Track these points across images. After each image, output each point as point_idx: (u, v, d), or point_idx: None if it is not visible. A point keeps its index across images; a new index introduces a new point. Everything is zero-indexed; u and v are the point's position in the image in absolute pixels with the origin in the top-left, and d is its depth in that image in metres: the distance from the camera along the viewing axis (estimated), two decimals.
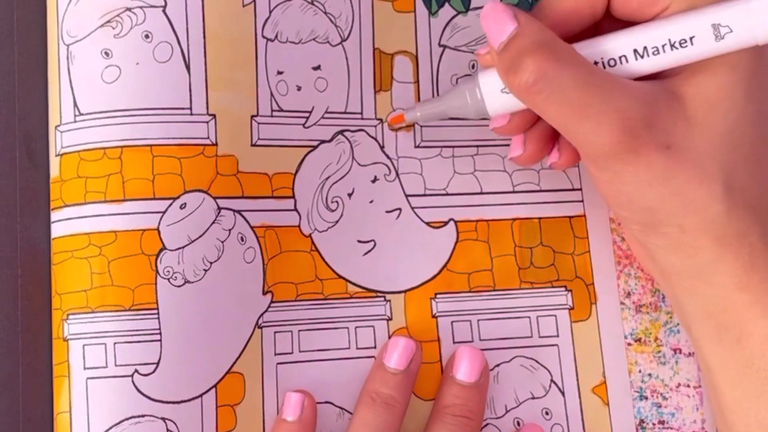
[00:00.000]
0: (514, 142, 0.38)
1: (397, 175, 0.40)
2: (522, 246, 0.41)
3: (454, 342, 0.39)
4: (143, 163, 0.36)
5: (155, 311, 0.36)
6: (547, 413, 0.40)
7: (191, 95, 0.37)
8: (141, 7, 0.37)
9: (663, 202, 0.33)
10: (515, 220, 0.41)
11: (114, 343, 0.35)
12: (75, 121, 0.37)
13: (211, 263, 0.37)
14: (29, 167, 0.37)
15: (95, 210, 0.36)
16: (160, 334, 0.36)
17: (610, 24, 0.35)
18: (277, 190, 0.38)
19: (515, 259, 0.40)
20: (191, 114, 0.37)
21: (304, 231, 0.39)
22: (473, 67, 0.41)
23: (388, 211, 0.40)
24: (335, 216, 0.39)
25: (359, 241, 0.39)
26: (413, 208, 0.40)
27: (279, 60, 0.39)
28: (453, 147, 0.40)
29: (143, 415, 0.35)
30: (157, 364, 0.35)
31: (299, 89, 0.39)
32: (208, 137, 0.37)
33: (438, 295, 0.40)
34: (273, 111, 0.38)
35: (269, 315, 0.38)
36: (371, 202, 0.39)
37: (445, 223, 0.40)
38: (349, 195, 0.39)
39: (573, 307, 0.41)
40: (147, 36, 0.37)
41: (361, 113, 0.40)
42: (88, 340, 0.35)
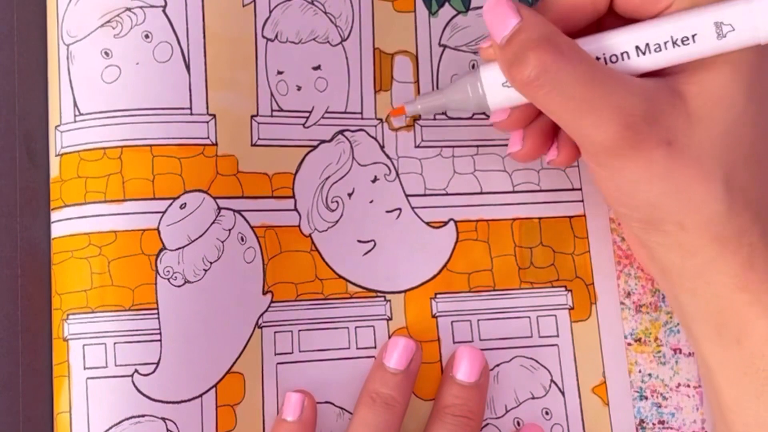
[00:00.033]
0: (513, 137, 0.38)
1: (397, 175, 0.40)
2: (522, 246, 0.41)
3: (454, 342, 0.39)
4: (143, 163, 0.36)
5: (155, 311, 0.36)
6: (547, 413, 0.40)
7: (191, 95, 0.37)
8: (141, 7, 0.37)
9: (663, 198, 0.33)
10: (515, 220, 0.41)
11: (114, 343, 0.35)
12: (75, 121, 0.37)
13: (211, 263, 0.37)
14: (29, 167, 0.37)
15: (95, 210, 0.36)
16: (160, 334, 0.36)
17: (612, 21, 0.35)
18: (277, 190, 0.38)
19: (515, 259, 0.40)
20: (191, 114, 0.37)
21: (304, 231, 0.39)
22: (473, 67, 0.41)
23: (388, 211, 0.40)
24: (335, 216, 0.39)
25: (359, 241, 0.39)
26: (413, 208, 0.40)
27: (279, 60, 0.39)
28: (453, 147, 0.40)
29: (143, 415, 0.35)
30: (157, 364, 0.35)
31: (299, 89, 0.39)
32: (208, 137, 0.37)
33: (438, 295, 0.40)
34: (273, 111, 0.38)
35: (269, 315, 0.38)
36: (371, 202, 0.39)
37: (445, 223, 0.40)
38: (349, 195, 0.39)
39: (573, 307, 0.41)
40: (147, 36, 0.37)
41: (361, 113, 0.40)
42: (88, 340, 0.35)
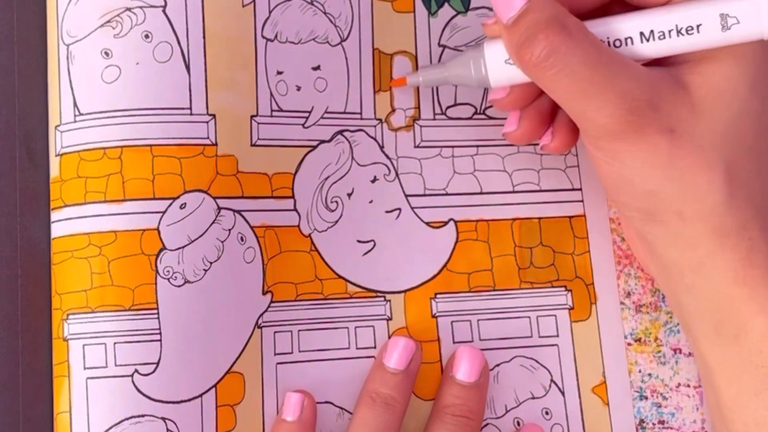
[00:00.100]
0: (509, 117, 0.38)
1: (397, 175, 0.40)
2: (522, 246, 0.41)
3: (454, 342, 0.39)
4: (143, 163, 0.36)
5: (155, 311, 0.36)
6: (547, 413, 0.40)
7: (191, 95, 0.37)
8: (141, 7, 0.37)
9: (663, 185, 0.33)
10: (515, 220, 0.41)
11: (114, 343, 0.35)
12: (75, 121, 0.37)
13: (211, 263, 0.37)
14: (29, 167, 0.37)
15: (95, 210, 0.36)
16: (160, 334, 0.36)
17: (619, 7, 0.35)
18: (277, 190, 0.38)
19: (515, 259, 0.40)
20: (191, 114, 0.37)
21: (303, 231, 0.39)
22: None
23: (387, 211, 0.40)
24: (335, 216, 0.39)
25: (359, 241, 0.39)
26: (413, 208, 0.40)
27: (279, 60, 0.39)
28: (453, 147, 0.41)
29: (143, 415, 0.35)
30: (157, 364, 0.35)
31: (299, 89, 0.39)
32: (207, 137, 0.37)
33: (438, 295, 0.40)
34: (273, 111, 0.39)
35: (269, 315, 0.38)
36: (371, 202, 0.39)
37: (445, 223, 0.40)
38: (349, 195, 0.39)
39: (573, 307, 0.41)
40: (147, 36, 0.37)
41: (361, 113, 0.40)
42: (88, 340, 0.35)
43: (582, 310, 0.41)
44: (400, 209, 0.40)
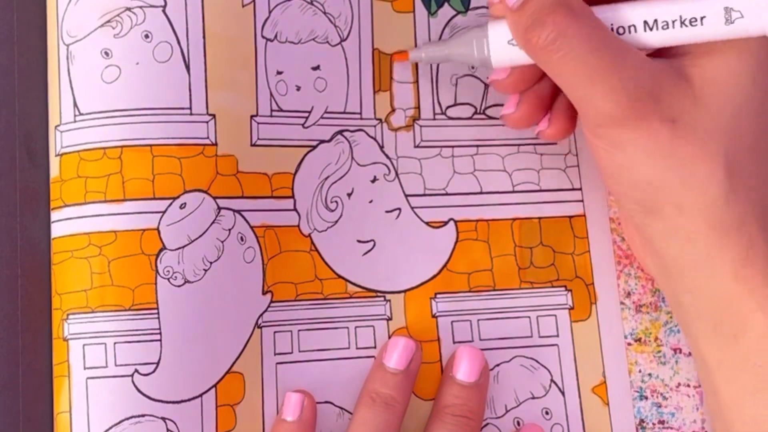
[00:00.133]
0: (508, 100, 0.38)
1: (397, 175, 0.40)
2: (522, 246, 0.41)
3: (454, 342, 0.39)
4: (143, 163, 0.36)
5: (155, 311, 0.36)
6: (547, 413, 0.40)
7: (191, 95, 0.37)
8: (141, 7, 0.37)
9: (663, 176, 0.33)
10: (515, 219, 0.41)
11: (114, 343, 0.35)
12: (75, 121, 0.37)
13: (211, 263, 0.37)
14: (29, 167, 0.37)
15: (95, 210, 0.36)
16: (160, 334, 0.36)
17: None
18: (277, 190, 0.38)
19: (515, 259, 0.40)
20: (191, 114, 0.37)
21: (303, 231, 0.39)
22: (473, 68, 0.41)
23: (387, 211, 0.40)
24: (335, 216, 0.39)
25: (359, 241, 0.39)
26: (413, 208, 0.40)
27: (278, 60, 0.39)
28: (453, 147, 0.41)
29: (143, 415, 0.35)
30: (157, 364, 0.35)
31: (298, 89, 0.39)
32: (207, 137, 0.37)
33: (438, 295, 0.40)
34: (272, 111, 0.39)
35: (269, 315, 0.38)
36: (371, 202, 0.39)
37: (445, 223, 0.40)
38: (349, 195, 0.39)
39: (573, 307, 0.41)
40: (147, 36, 0.37)
41: (361, 113, 0.40)
42: (88, 340, 0.35)
43: (582, 310, 0.41)
44: (400, 209, 0.40)
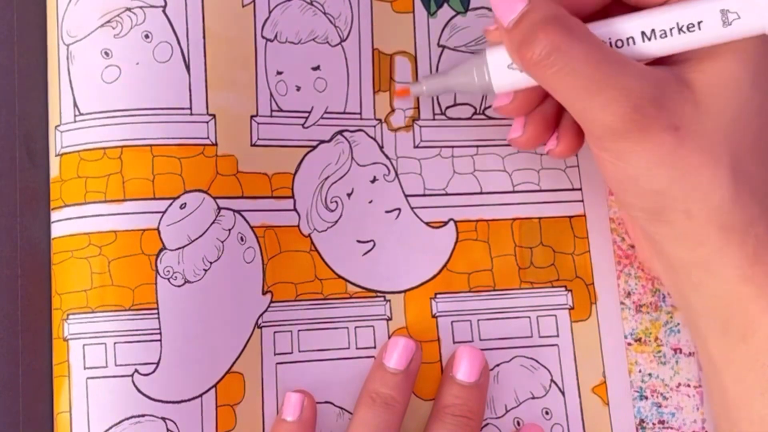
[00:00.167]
0: (514, 123, 0.38)
1: (397, 176, 0.40)
2: (522, 246, 0.41)
3: (454, 342, 0.39)
4: (143, 163, 0.36)
5: (155, 311, 0.36)
6: (547, 413, 0.39)
7: (191, 95, 0.37)
8: (141, 7, 0.37)
9: (669, 184, 0.33)
10: (515, 220, 0.41)
11: (114, 343, 0.35)
12: (75, 121, 0.37)
13: (211, 263, 0.37)
14: (29, 167, 0.37)
15: (95, 210, 0.36)
16: (160, 334, 0.36)
17: (619, 9, 0.35)
18: (277, 190, 0.38)
19: (515, 259, 0.40)
20: (191, 114, 0.37)
21: (303, 231, 0.39)
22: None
23: (387, 211, 0.40)
24: (335, 216, 0.39)
25: (359, 241, 0.39)
26: (413, 208, 0.40)
27: (278, 60, 0.39)
28: (452, 147, 0.41)
29: (143, 415, 0.35)
30: (157, 364, 0.35)
31: (298, 89, 0.39)
32: (207, 137, 0.37)
33: (438, 295, 0.40)
34: (272, 111, 0.39)
35: (269, 315, 0.38)
36: (370, 202, 0.39)
37: (445, 223, 0.40)
38: (349, 195, 0.39)
39: (573, 307, 0.41)
40: (147, 36, 0.37)
41: (360, 113, 0.40)
42: (88, 340, 0.36)
43: (582, 310, 0.41)
44: (399, 209, 0.40)
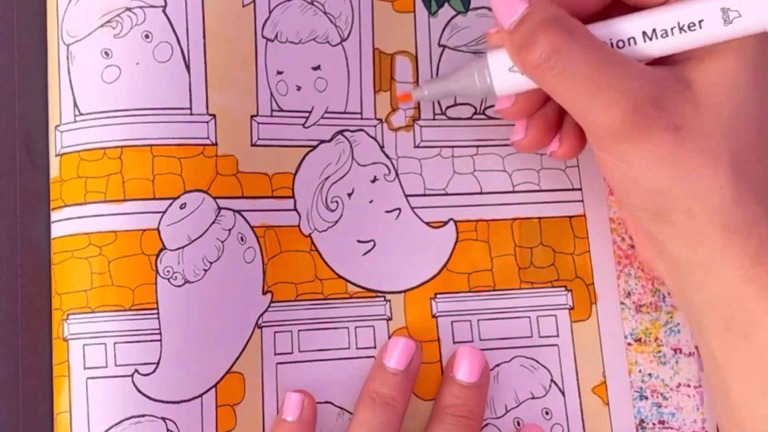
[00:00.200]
0: (516, 126, 0.38)
1: (397, 175, 0.40)
2: (522, 246, 0.41)
3: (454, 342, 0.39)
4: (143, 163, 0.36)
5: (155, 311, 0.36)
6: (547, 413, 0.40)
7: (191, 95, 0.37)
8: (141, 7, 0.37)
9: (671, 184, 0.33)
10: (515, 220, 0.41)
11: (114, 343, 0.35)
12: (75, 121, 0.37)
13: (211, 263, 0.37)
14: (29, 167, 0.37)
15: (95, 210, 0.36)
16: (160, 334, 0.36)
17: (619, 11, 0.35)
18: (277, 190, 0.38)
19: (515, 259, 0.40)
20: (191, 114, 0.37)
21: (303, 231, 0.39)
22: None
23: (387, 211, 0.40)
24: (335, 216, 0.39)
25: (359, 241, 0.39)
26: (413, 208, 0.40)
27: (279, 60, 0.39)
28: (452, 147, 0.41)
29: (143, 415, 0.35)
30: (157, 364, 0.35)
31: (299, 89, 0.39)
32: (208, 137, 0.37)
33: (438, 295, 0.40)
34: (273, 111, 0.39)
35: (269, 315, 0.38)
36: (371, 202, 0.39)
37: (445, 223, 0.40)
38: (349, 195, 0.39)
39: (573, 307, 0.41)
40: (147, 36, 0.37)
41: (361, 113, 0.40)
42: (88, 340, 0.35)
43: (582, 310, 0.41)
44: (400, 209, 0.40)
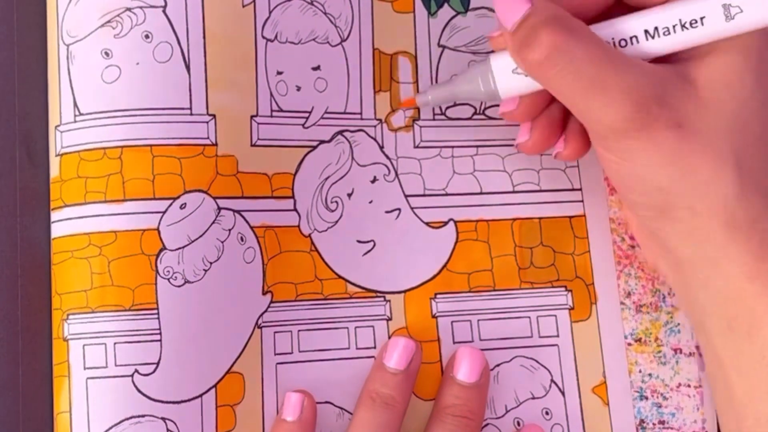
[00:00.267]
0: (521, 128, 0.38)
1: (397, 176, 0.40)
2: (522, 246, 0.41)
3: (454, 342, 0.39)
4: (143, 163, 0.36)
5: (155, 311, 0.36)
6: (547, 413, 0.39)
7: (191, 95, 0.37)
8: (141, 7, 0.37)
9: (674, 182, 0.33)
10: (515, 220, 0.41)
11: (114, 343, 0.35)
12: (75, 121, 0.37)
13: (211, 263, 0.37)
14: (29, 167, 0.37)
15: (95, 210, 0.36)
16: (160, 334, 0.36)
17: (621, 11, 0.35)
18: (277, 190, 0.38)
19: (515, 259, 0.40)
20: (191, 114, 0.37)
21: (303, 231, 0.39)
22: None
23: (387, 212, 0.40)
24: (335, 216, 0.39)
25: (359, 241, 0.39)
26: (413, 208, 0.40)
27: (279, 60, 0.39)
28: (452, 147, 0.41)
29: (143, 415, 0.35)
30: (157, 364, 0.35)
31: (299, 89, 0.39)
32: (207, 137, 0.37)
33: (438, 295, 0.40)
34: (273, 111, 0.39)
35: (269, 315, 0.38)
36: (371, 202, 0.39)
37: (445, 223, 0.40)
38: (349, 195, 0.39)
39: (573, 307, 0.41)
40: (147, 36, 0.37)
41: (361, 113, 0.40)
42: (88, 340, 0.36)
43: (582, 310, 0.41)
44: (399, 209, 0.40)
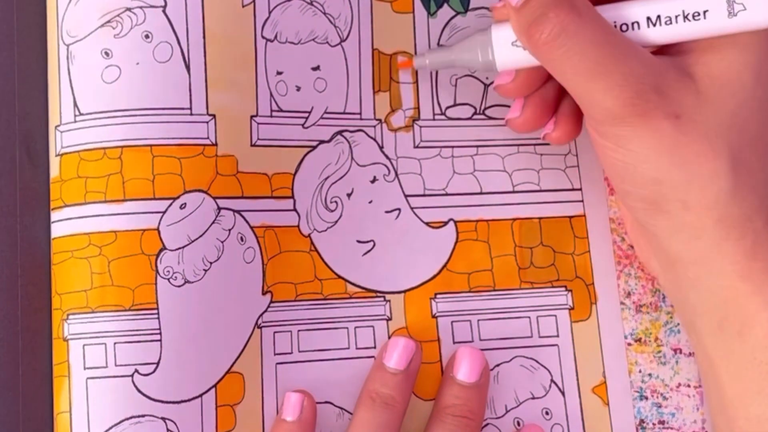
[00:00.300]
0: (513, 104, 0.38)
1: (396, 176, 0.40)
2: (522, 246, 0.41)
3: (454, 342, 0.39)
4: (143, 163, 0.36)
5: (155, 311, 0.36)
6: (547, 413, 0.39)
7: (191, 95, 0.37)
8: (141, 7, 0.37)
9: (668, 172, 0.33)
10: (515, 220, 0.41)
11: (114, 343, 0.35)
12: (75, 121, 0.37)
13: (211, 263, 0.37)
14: (29, 167, 0.37)
15: (95, 210, 0.36)
16: (160, 334, 0.36)
17: None
18: (277, 190, 0.38)
19: (515, 259, 0.40)
20: (191, 114, 0.37)
21: (303, 231, 0.39)
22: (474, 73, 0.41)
23: (387, 212, 0.40)
24: (334, 216, 0.39)
25: (358, 241, 0.39)
26: (412, 208, 0.40)
27: (278, 60, 0.39)
28: (452, 147, 0.41)
29: (143, 415, 0.35)
30: (157, 364, 0.35)
31: (298, 89, 0.39)
32: (207, 137, 0.37)
33: (438, 295, 0.40)
34: (272, 111, 0.39)
35: (269, 315, 0.38)
36: (370, 202, 0.39)
37: (445, 223, 0.40)
38: (349, 195, 0.39)
39: (573, 307, 0.41)
40: (147, 36, 0.37)
41: (360, 113, 0.40)
42: (88, 340, 0.36)
43: (582, 310, 0.41)
44: (399, 209, 0.40)
